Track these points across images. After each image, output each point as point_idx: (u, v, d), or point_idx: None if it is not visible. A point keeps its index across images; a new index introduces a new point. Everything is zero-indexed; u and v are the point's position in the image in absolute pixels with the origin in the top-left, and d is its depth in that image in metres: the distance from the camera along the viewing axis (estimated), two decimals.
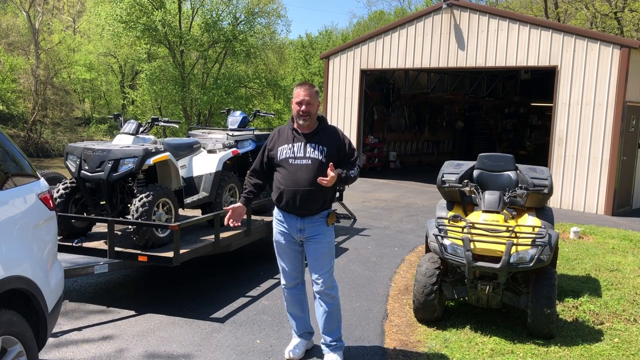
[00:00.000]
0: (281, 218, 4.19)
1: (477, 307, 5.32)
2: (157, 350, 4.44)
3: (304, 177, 4.01)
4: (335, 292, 4.22)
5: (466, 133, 20.97)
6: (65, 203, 5.67)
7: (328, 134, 4.13)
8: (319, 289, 4.17)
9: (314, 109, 4.06)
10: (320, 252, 4.13)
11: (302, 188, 4.01)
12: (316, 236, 4.12)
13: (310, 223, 4.11)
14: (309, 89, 4.06)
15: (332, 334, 4.27)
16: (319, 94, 4.23)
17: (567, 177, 11.92)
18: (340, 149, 4.12)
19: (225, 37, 28.19)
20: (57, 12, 38.61)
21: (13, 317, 3.11)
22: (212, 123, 29.49)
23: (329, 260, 4.17)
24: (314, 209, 4.07)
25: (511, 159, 5.73)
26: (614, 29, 22.55)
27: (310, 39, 42.65)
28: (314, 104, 4.04)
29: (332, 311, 4.20)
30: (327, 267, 4.16)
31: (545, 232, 4.77)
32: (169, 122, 6.26)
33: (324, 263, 4.14)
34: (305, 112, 4.02)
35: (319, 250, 4.13)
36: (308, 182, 4.00)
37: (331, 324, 4.24)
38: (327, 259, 4.15)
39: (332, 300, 4.19)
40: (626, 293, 6.09)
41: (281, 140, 4.14)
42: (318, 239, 4.13)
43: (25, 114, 30.54)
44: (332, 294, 4.19)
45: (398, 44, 14.31)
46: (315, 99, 4.07)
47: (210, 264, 6.77)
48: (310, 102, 4.02)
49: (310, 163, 4.03)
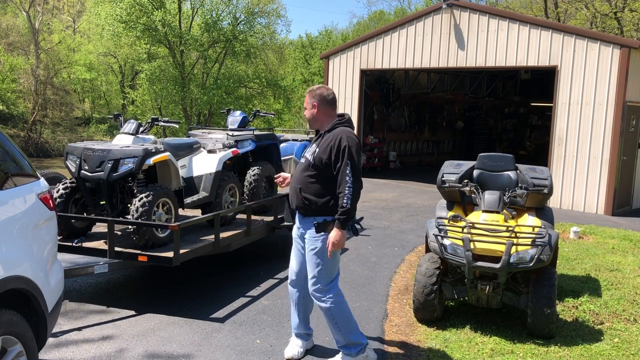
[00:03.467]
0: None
1: (477, 307, 5.32)
2: (157, 350, 4.44)
3: (296, 175, 4.20)
4: (325, 301, 4.08)
5: (466, 133, 20.97)
6: (65, 203, 5.67)
7: (329, 136, 4.06)
8: (310, 291, 4.18)
9: (309, 114, 4.19)
10: (308, 257, 4.13)
11: (293, 185, 4.17)
12: (308, 240, 4.13)
13: (303, 224, 4.17)
14: (307, 95, 4.20)
15: (336, 340, 4.21)
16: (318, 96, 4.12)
17: (567, 177, 11.92)
18: (331, 151, 3.96)
19: (225, 37, 28.19)
20: (57, 12, 38.61)
21: (13, 317, 3.11)
22: (212, 123, 29.50)
23: (313, 268, 4.08)
24: (302, 209, 4.12)
25: (511, 159, 5.73)
26: (614, 29, 22.55)
27: (310, 39, 42.65)
28: (307, 108, 4.19)
29: (328, 316, 4.13)
30: (313, 273, 4.09)
31: (545, 232, 4.77)
32: (169, 122, 6.26)
33: (310, 269, 4.12)
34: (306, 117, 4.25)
35: (308, 254, 4.15)
36: (297, 180, 4.16)
37: (333, 329, 4.17)
38: (311, 266, 4.10)
39: (324, 306, 4.09)
40: (626, 293, 6.09)
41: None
42: (308, 243, 4.13)
43: (25, 114, 30.55)
44: (320, 301, 4.10)
45: (398, 44, 14.31)
46: (308, 102, 4.17)
47: (210, 264, 6.77)
48: (306, 107, 4.20)
49: (304, 162, 4.16)
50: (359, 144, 4.05)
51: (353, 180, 3.89)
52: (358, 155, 3.97)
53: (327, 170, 4.00)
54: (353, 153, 3.92)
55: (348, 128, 4.10)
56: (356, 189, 3.90)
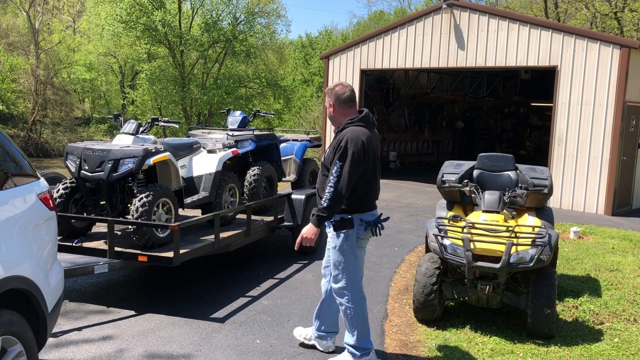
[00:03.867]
0: None
1: (477, 307, 5.32)
2: (157, 350, 4.44)
3: (318, 175, 4.28)
4: (346, 300, 4.11)
5: (466, 133, 20.95)
6: (65, 203, 5.67)
7: (338, 136, 4.08)
8: (333, 288, 4.20)
9: (328, 113, 4.24)
10: (331, 254, 4.17)
11: (316, 185, 4.28)
12: (329, 238, 4.17)
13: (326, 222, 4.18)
14: (324, 93, 4.30)
15: (346, 339, 4.22)
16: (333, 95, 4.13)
17: (567, 177, 11.92)
18: (335, 151, 3.97)
19: (225, 37, 28.19)
20: (57, 12, 38.61)
21: (13, 317, 3.11)
22: (212, 123, 29.49)
23: (336, 266, 4.09)
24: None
25: (511, 159, 5.73)
26: (614, 29, 22.54)
27: (310, 39, 42.66)
28: (326, 107, 4.25)
29: (345, 315, 4.16)
30: (337, 271, 4.10)
31: (545, 232, 4.77)
32: (169, 122, 6.26)
33: (333, 267, 4.13)
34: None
35: (330, 252, 4.17)
36: (317, 180, 4.26)
37: (347, 327, 4.18)
38: (334, 264, 4.11)
39: (344, 305, 4.13)
40: (626, 293, 6.09)
41: None
42: (329, 242, 4.17)
43: (25, 114, 30.55)
44: (338, 300, 4.16)
45: (398, 44, 14.31)
46: (326, 102, 4.23)
47: (210, 264, 6.77)
48: (325, 106, 4.30)
49: (321, 163, 4.26)
50: (363, 145, 3.91)
51: (336, 182, 3.85)
52: (353, 157, 3.86)
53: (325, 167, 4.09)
54: (347, 155, 3.87)
55: (358, 127, 4.00)
56: (338, 190, 3.84)
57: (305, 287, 6.11)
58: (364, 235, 4.08)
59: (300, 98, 34.38)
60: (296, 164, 8.32)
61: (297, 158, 8.34)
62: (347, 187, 3.87)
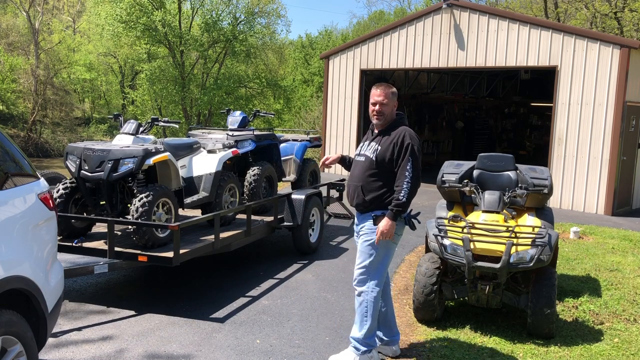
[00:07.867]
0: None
1: (477, 307, 5.31)
2: (157, 350, 4.44)
3: (356, 172, 4.27)
4: (366, 292, 4.17)
5: (466, 133, 20.95)
6: (65, 203, 5.67)
7: (392, 133, 4.17)
8: (354, 277, 4.26)
9: (388, 110, 4.21)
10: (362, 247, 4.22)
11: (353, 183, 4.26)
12: (364, 232, 4.22)
13: (361, 219, 4.26)
14: (385, 89, 4.22)
15: (353, 332, 4.25)
16: (396, 95, 4.24)
17: (567, 177, 11.92)
18: (394, 148, 4.10)
19: (225, 37, 28.18)
20: (57, 12, 38.61)
21: (13, 317, 3.11)
22: (212, 123, 29.49)
23: (365, 258, 4.18)
24: (360, 205, 4.22)
25: (511, 159, 5.73)
26: (614, 29, 22.54)
27: (310, 39, 42.64)
28: (388, 104, 4.21)
29: (360, 307, 4.20)
30: (362, 264, 4.19)
31: (545, 232, 4.77)
32: (169, 122, 6.26)
33: (362, 258, 4.20)
34: (379, 112, 4.20)
35: (361, 245, 4.23)
36: (357, 177, 4.23)
37: (358, 321, 4.22)
38: (363, 256, 4.20)
39: (363, 295, 4.18)
40: (626, 293, 6.09)
41: (366, 136, 4.40)
42: (364, 235, 4.22)
43: (25, 114, 30.55)
44: (359, 290, 4.20)
45: (398, 44, 14.30)
46: (391, 100, 4.21)
47: (210, 264, 6.77)
48: (385, 102, 4.18)
49: (364, 160, 4.24)
50: (420, 144, 4.18)
51: (412, 177, 4.04)
52: (419, 153, 4.12)
53: (389, 166, 4.11)
54: (415, 151, 4.09)
55: (407, 126, 4.23)
56: (414, 185, 4.04)
57: (305, 287, 6.11)
58: (400, 231, 4.21)
59: (300, 98, 34.37)
60: (296, 164, 8.32)
61: (297, 158, 8.34)
62: (418, 183, 4.08)
